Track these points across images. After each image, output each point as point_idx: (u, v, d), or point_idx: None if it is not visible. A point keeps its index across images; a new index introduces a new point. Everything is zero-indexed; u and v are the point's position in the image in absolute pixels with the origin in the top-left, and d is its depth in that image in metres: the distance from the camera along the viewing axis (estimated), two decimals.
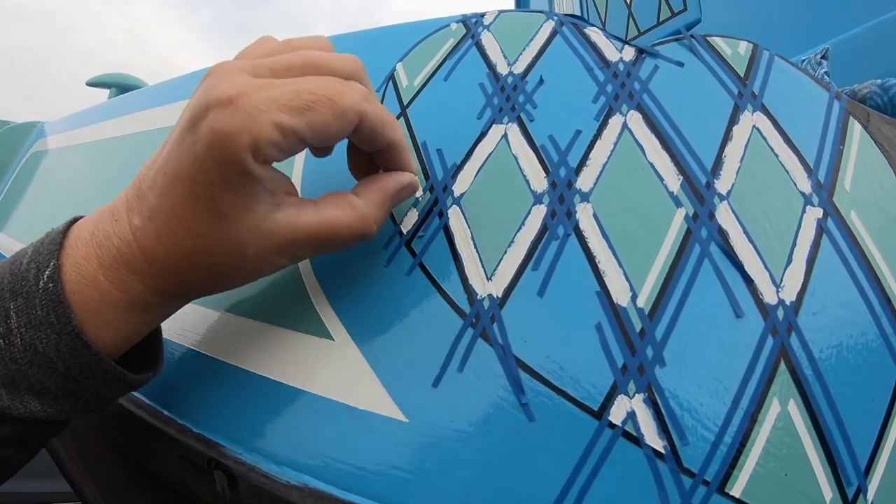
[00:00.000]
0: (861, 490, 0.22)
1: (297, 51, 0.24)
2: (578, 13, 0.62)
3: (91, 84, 0.85)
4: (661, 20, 0.51)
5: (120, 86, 0.83)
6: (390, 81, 0.32)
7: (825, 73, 0.34)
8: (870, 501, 0.22)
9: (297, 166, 0.31)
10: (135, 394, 0.31)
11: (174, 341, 0.31)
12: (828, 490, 0.21)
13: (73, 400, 0.24)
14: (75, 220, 0.25)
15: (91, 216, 0.25)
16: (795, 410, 0.22)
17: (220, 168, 0.21)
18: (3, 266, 0.24)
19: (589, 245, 0.24)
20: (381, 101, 0.31)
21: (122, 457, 0.40)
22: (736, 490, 0.21)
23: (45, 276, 0.23)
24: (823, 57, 0.35)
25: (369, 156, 0.26)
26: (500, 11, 0.32)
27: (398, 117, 0.30)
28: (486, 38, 0.31)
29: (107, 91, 0.87)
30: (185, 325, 0.31)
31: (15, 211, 0.62)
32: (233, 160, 0.21)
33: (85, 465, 0.49)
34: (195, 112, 0.21)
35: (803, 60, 0.37)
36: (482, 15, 0.33)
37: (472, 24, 0.32)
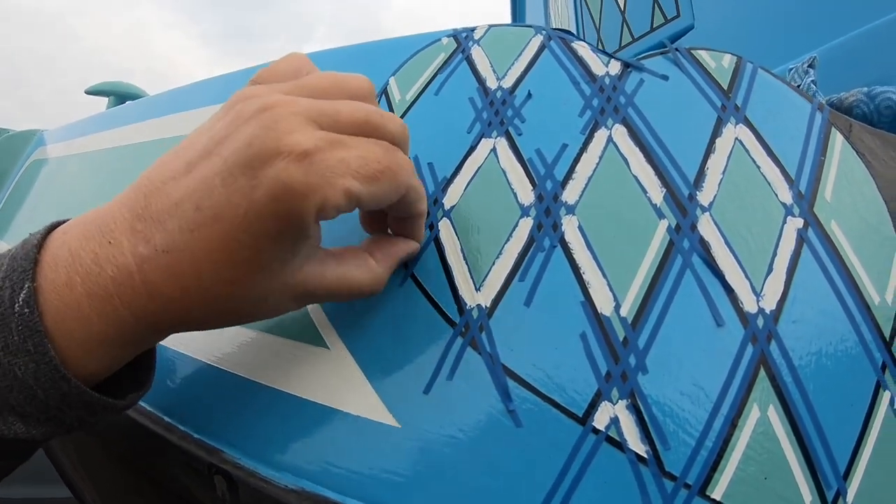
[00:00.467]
0: (840, 493, 0.23)
1: (351, 102, 0.23)
2: (573, 18, 0.63)
3: (90, 92, 0.86)
4: (654, 26, 0.52)
5: (119, 94, 0.85)
6: (383, 95, 0.33)
7: (812, 81, 0.35)
8: None
9: None
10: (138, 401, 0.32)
11: (175, 349, 0.33)
12: (807, 493, 0.22)
13: (55, 424, 0.23)
14: (54, 226, 0.23)
15: (73, 226, 0.22)
16: (775, 416, 0.23)
17: (279, 222, 0.20)
18: None
19: (574, 256, 0.25)
20: None
21: (122, 463, 0.41)
22: (717, 493, 0.22)
23: (20, 300, 0.21)
24: (810, 66, 0.36)
25: (383, 212, 0.27)
26: (490, 26, 0.34)
27: None
28: (476, 53, 0.33)
29: (105, 99, 0.88)
30: (184, 335, 0.32)
31: (14, 219, 0.63)
32: (297, 219, 0.20)
33: (86, 471, 0.50)
34: (258, 154, 0.20)
35: (791, 69, 0.38)
36: (472, 29, 0.34)
37: (462, 39, 0.33)
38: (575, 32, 0.65)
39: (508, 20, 1.18)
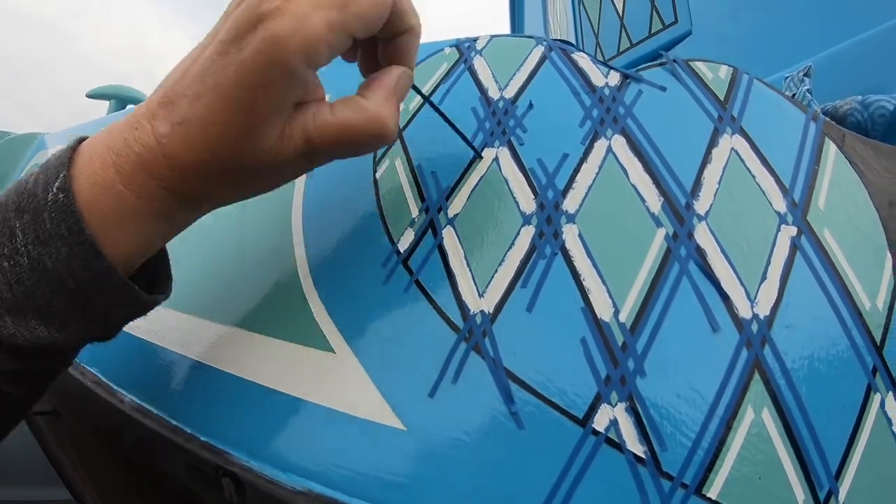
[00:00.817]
0: (832, 493, 0.24)
1: None
2: (572, 24, 0.65)
3: (91, 96, 0.86)
4: (652, 32, 0.53)
5: (119, 98, 0.85)
6: None
7: (807, 90, 0.37)
8: (841, 503, 0.24)
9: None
10: (142, 403, 0.33)
11: (181, 353, 0.33)
12: (800, 492, 0.23)
13: (80, 322, 0.24)
14: (82, 139, 0.25)
15: (101, 132, 0.25)
16: (769, 418, 0.24)
17: (268, 72, 0.22)
18: (9, 188, 0.24)
19: (574, 264, 0.26)
20: None
21: (124, 464, 0.42)
22: (713, 492, 0.23)
23: (54, 189, 0.23)
24: (806, 74, 0.37)
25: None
26: (492, 36, 0.35)
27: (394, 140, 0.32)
28: (479, 63, 0.34)
29: (106, 103, 0.88)
30: (192, 339, 0.33)
31: None
32: (284, 63, 0.21)
33: (87, 472, 0.51)
34: (241, 26, 0.22)
35: (786, 77, 0.39)
36: (475, 40, 0.35)
37: (464, 49, 0.34)
38: (574, 38, 0.66)
39: (506, 26, 1.19)
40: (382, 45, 0.27)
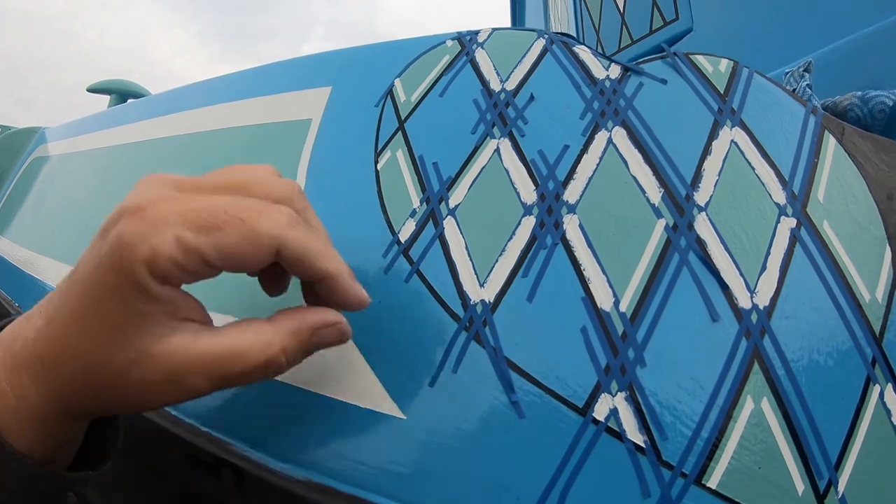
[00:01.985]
0: (832, 483, 0.24)
1: (238, 172, 0.23)
2: (573, 21, 0.65)
3: (92, 90, 0.86)
4: (653, 28, 0.53)
5: (120, 92, 0.85)
6: (389, 96, 0.34)
7: (807, 85, 0.37)
8: (840, 493, 0.24)
9: (301, 176, 0.34)
10: None
11: None
12: (800, 483, 0.24)
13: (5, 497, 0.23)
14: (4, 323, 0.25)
15: (19, 318, 0.24)
16: (768, 408, 0.24)
17: (116, 275, 0.20)
18: None
19: (575, 254, 0.27)
20: (380, 116, 0.34)
21: (123, 456, 0.42)
22: (712, 482, 0.23)
23: None
24: (806, 70, 0.37)
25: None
26: (494, 29, 0.35)
27: (396, 131, 0.33)
28: (480, 56, 0.34)
29: (107, 97, 0.89)
30: None
31: (16, 216, 0.64)
32: (128, 270, 0.20)
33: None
34: (111, 218, 0.21)
35: (787, 73, 0.39)
36: (476, 32, 0.35)
37: (466, 42, 0.35)
38: (574, 34, 0.67)
39: (507, 22, 1.19)
40: (303, 284, 0.26)
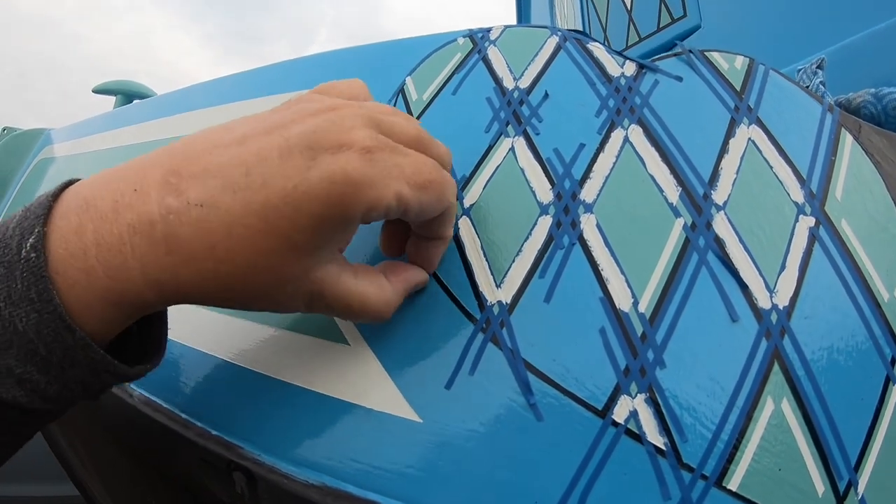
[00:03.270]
0: (852, 484, 0.24)
1: (405, 117, 0.25)
2: (580, 18, 0.65)
3: (97, 91, 0.86)
4: (661, 26, 0.53)
5: (126, 93, 0.85)
6: (400, 94, 0.34)
7: (820, 82, 0.37)
8: (860, 495, 0.24)
9: None
10: (153, 398, 0.33)
11: (190, 346, 0.33)
12: (820, 484, 0.23)
13: (58, 388, 0.21)
14: (70, 182, 0.22)
15: (94, 178, 0.22)
16: (788, 409, 0.24)
17: (324, 207, 0.20)
18: None
19: (593, 254, 0.26)
20: None
21: (134, 459, 0.42)
22: (733, 484, 0.23)
23: (27, 245, 0.20)
24: (819, 67, 0.37)
25: (405, 234, 0.28)
26: (506, 27, 0.35)
27: None
28: (493, 53, 0.34)
29: (113, 98, 0.88)
30: (203, 333, 0.33)
31: None
32: (348, 208, 0.21)
33: (95, 469, 0.50)
34: (322, 140, 0.21)
35: (799, 70, 0.39)
36: (488, 30, 0.35)
37: (478, 39, 0.34)
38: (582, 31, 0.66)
39: (510, 21, 1.19)
40: (416, 240, 0.27)
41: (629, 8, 0.56)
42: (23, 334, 0.20)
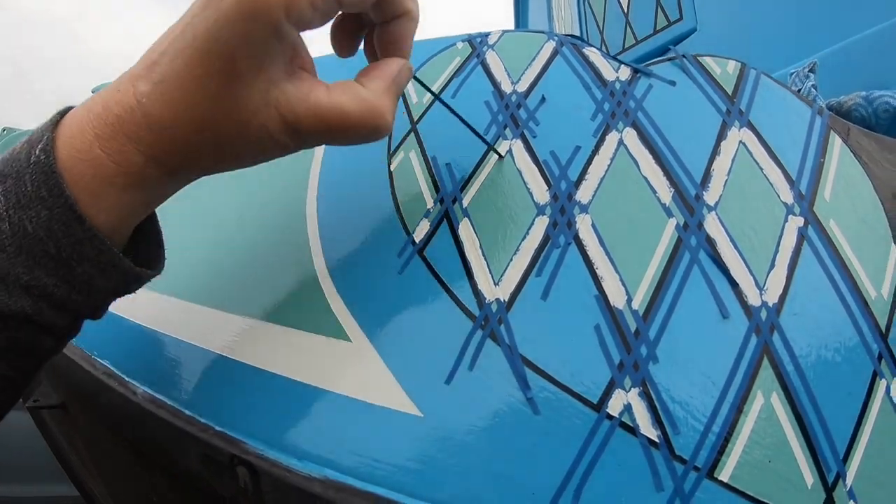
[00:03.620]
0: (840, 476, 0.25)
1: None
2: (577, 21, 0.66)
3: (96, 92, 0.86)
4: (657, 29, 0.54)
5: None
6: (400, 98, 0.35)
7: (812, 85, 0.38)
8: (848, 486, 0.25)
9: (315, 164, 0.34)
10: (157, 395, 0.34)
11: (194, 344, 0.34)
12: (809, 476, 0.24)
13: (64, 292, 0.23)
14: (73, 106, 0.24)
15: (87, 99, 0.24)
16: (778, 403, 0.25)
17: (246, 23, 0.21)
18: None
19: (588, 253, 0.27)
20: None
21: (135, 457, 0.43)
22: (724, 475, 0.24)
23: (37, 151, 0.22)
24: (811, 70, 0.38)
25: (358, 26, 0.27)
26: (504, 31, 0.36)
27: (409, 133, 0.33)
28: (491, 58, 0.35)
29: None
30: (206, 329, 0.34)
31: None
32: (264, 13, 0.20)
33: (96, 466, 0.51)
34: None
35: (792, 73, 0.40)
36: (487, 34, 0.36)
37: (477, 44, 0.35)
38: (579, 34, 0.67)
39: (507, 24, 1.20)
40: (379, 29, 0.27)
41: (626, 11, 0.57)
42: (32, 235, 0.22)
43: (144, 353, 0.36)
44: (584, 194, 0.29)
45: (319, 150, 0.35)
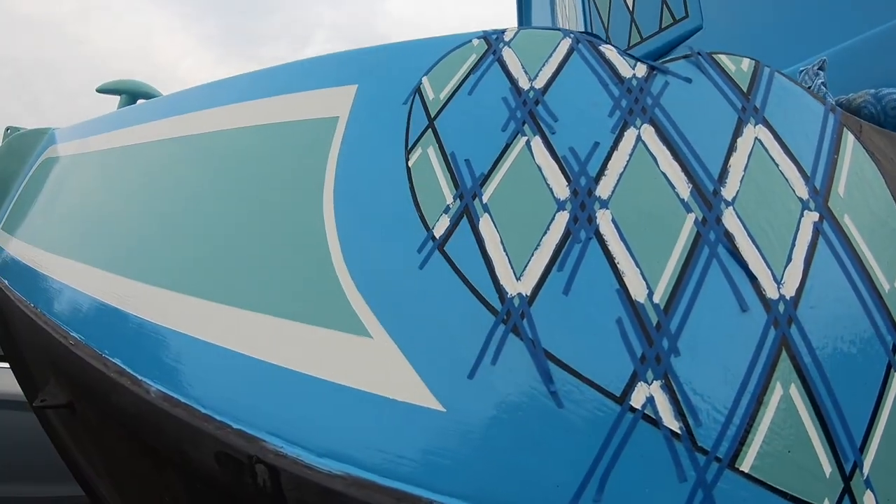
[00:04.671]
0: (857, 465, 0.26)
1: None
2: (581, 19, 0.66)
3: (101, 90, 0.85)
4: (663, 26, 0.55)
5: (131, 92, 0.84)
6: (417, 94, 0.36)
7: (822, 83, 0.39)
8: (865, 475, 0.26)
9: (332, 158, 0.35)
10: (171, 393, 0.34)
11: (209, 342, 0.34)
12: (827, 465, 0.26)
13: None
14: None
15: None
16: (796, 394, 0.26)
17: None
18: None
19: (609, 247, 0.28)
20: (409, 114, 0.35)
21: (145, 455, 0.43)
22: (745, 465, 0.25)
23: None
24: (820, 68, 0.40)
25: None
26: (520, 28, 0.37)
27: (426, 129, 0.34)
28: (508, 54, 0.35)
29: (116, 98, 0.87)
30: (222, 327, 0.34)
31: (27, 217, 0.64)
32: None
33: (105, 466, 0.51)
34: None
35: (801, 71, 0.41)
36: (503, 31, 0.37)
37: (493, 41, 0.36)
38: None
39: (508, 23, 1.20)
40: None
41: (631, 9, 0.58)
42: None
43: (156, 352, 0.37)
44: (603, 190, 0.30)
45: (335, 146, 0.35)
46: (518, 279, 0.28)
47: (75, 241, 0.50)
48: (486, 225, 0.30)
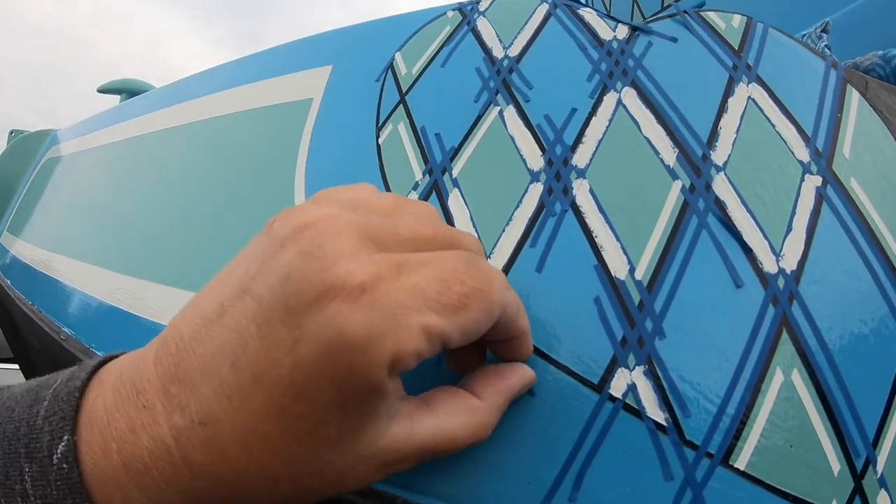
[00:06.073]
0: (870, 461, 0.21)
1: (415, 214, 0.19)
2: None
3: (102, 91, 0.86)
4: (665, 5, 0.50)
5: (130, 91, 0.84)
6: (389, 70, 0.32)
7: (826, 46, 0.34)
8: (879, 473, 0.21)
9: (301, 157, 0.32)
10: None
11: None
12: (835, 462, 0.21)
13: None
14: (104, 361, 0.19)
15: (111, 373, 0.18)
16: (799, 380, 0.21)
17: (339, 387, 0.15)
18: (21, 398, 0.18)
19: (586, 220, 0.24)
20: (381, 91, 0.31)
21: None
22: (740, 463, 0.20)
23: (58, 451, 0.17)
24: (823, 31, 0.35)
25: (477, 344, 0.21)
26: None
27: (397, 105, 0.30)
28: (482, 24, 0.31)
29: (118, 97, 0.88)
30: None
31: (31, 217, 0.63)
32: (362, 379, 0.15)
33: None
34: (299, 292, 0.15)
35: (804, 34, 0.36)
36: (478, 1, 0.33)
37: (468, 11, 0.32)
38: None
39: None
40: (493, 347, 0.22)
41: None
42: None
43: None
44: (580, 158, 0.25)
45: (307, 128, 0.32)
46: (488, 256, 0.24)
47: (75, 239, 0.48)
48: (455, 200, 0.26)
